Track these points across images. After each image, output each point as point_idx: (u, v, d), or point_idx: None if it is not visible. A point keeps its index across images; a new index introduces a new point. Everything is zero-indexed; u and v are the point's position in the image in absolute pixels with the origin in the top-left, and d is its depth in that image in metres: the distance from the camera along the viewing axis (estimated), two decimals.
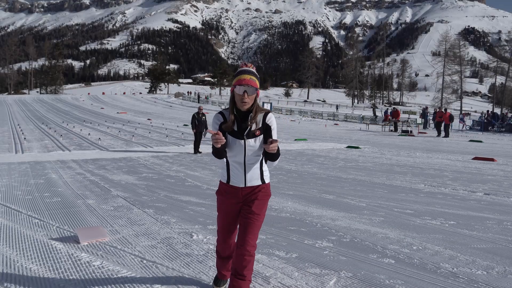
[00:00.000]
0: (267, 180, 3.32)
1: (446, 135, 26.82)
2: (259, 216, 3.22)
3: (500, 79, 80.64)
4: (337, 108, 68.79)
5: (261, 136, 3.16)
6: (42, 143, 18.51)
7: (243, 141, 3.12)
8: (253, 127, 3.12)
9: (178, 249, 4.71)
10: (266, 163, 3.31)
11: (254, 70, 3.17)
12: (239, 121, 3.13)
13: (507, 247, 4.90)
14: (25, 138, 20.39)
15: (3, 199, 7.37)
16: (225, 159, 3.20)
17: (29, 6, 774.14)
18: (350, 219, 6.10)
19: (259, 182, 3.25)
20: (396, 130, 31.94)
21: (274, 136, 3.18)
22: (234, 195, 3.25)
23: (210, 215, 6.25)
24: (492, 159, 14.13)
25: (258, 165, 3.24)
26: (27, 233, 5.31)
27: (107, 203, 7.08)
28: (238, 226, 3.33)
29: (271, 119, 3.19)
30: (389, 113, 35.30)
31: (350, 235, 5.28)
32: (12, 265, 4.21)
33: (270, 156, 3.15)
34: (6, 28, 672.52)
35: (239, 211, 3.28)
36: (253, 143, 3.13)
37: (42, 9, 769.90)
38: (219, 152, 3.07)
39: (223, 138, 2.94)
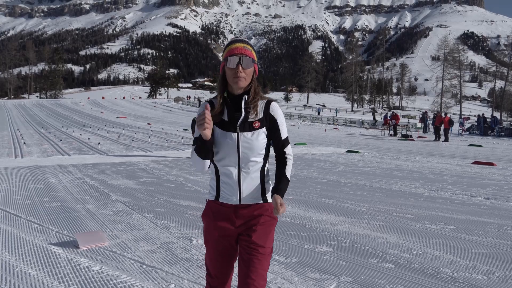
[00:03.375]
0: (270, 198, 2.41)
1: (446, 140, 26.82)
2: (265, 249, 2.33)
3: (499, 84, 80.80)
4: (336, 113, 68.67)
5: (262, 131, 2.33)
6: (41, 148, 18.50)
7: (235, 134, 2.29)
8: (251, 117, 2.32)
9: (178, 254, 4.70)
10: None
11: (248, 41, 2.44)
12: (231, 108, 2.33)
13: (507, 251, 4.90)
14: (24, 143, 20.38)
15: (2, 204, 7.36)
16: (211, 164, 2.38)
17: (29, 11, 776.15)
18: (350, 224, 6.09)
19: (260, 200, 2.37)
20: (395, 134, 31.95)
21: (283, 133, 2.40)
22: (227, 219, 2.35)
23: None
24: (491, 164, 14.13)
25: (258, 174, 2.35)
26: (26, 238, 5.30)
27: (106, 208, 7.07)
28: (237, 261, 2.44)
29: (276, 109, 2.39)
30: (388, 117, 35.34)
31: (350, 240, 5.28)
32: (11, 270, 4.20)
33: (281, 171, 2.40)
34: (6, 32, 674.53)
35: (235, 242, 2.39)
36: (250, 138, 2.29)
37: (42, 14, 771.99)
38: (202, 147, 2.24)
39: (210, 119, 2.17)
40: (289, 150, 2.44)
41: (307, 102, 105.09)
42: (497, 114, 69.16)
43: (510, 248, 5.02)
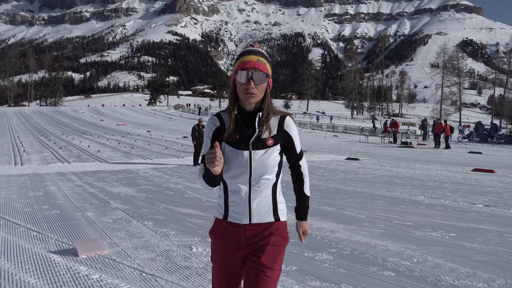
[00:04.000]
0: (283, 217, 2.31)
1: (447, 147, 26.83)
2: (273, 272, 2.21)
3: (498, 91, 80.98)
4: (331, 119, 68.43)
5: (276, 149, 2.22)
6: (41, 155, 18.50)
7: (247, 152, 2.17)
8: (264, 134, 2.20)
9: (178, 262, 4.69)
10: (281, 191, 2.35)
11: (264, 52, 2.26)
12: (242, 125, 2.20)
13: (508, 259, 4.88)
14: (24, 150, 20.37)
15: (2, 211, 7.35)
16: (221, 183, 2.28)
17: (30, 19, 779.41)
18: (350, 231, 6.08)
19: (271, 219, 2.25)
20: (395, 141, 31.95)
21: (298, 147, 2.32)
22: (235, 238, 2.25)
23: (209, 228, 6.22)
24: (491, 171, 14.12)
25: (269, 191, 2.24)
26: (25, 246, 5.29)
27: (106, 216, 7.06)
28: (242, 284, 2.35)
29: (290, 125, 2.27)
30: (388, 125, 35.36)
31: (350, 248, 5.26)
32: (10, 278, 4.18)
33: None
34: (7, 40, 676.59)
35: (243, 261, 2.28)
36: (263, 156, 2.18)
37: (42, 22, 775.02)
38: (211, 179, 2.15)
39: (221, 157, 2.05)
40: (303, 163, 2.38)
41: (307, 110, 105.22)
42: (496, 121, 69.29)
43: (511, 256, 5.01)
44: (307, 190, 2.41)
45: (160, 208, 7.76)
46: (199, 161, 2.15)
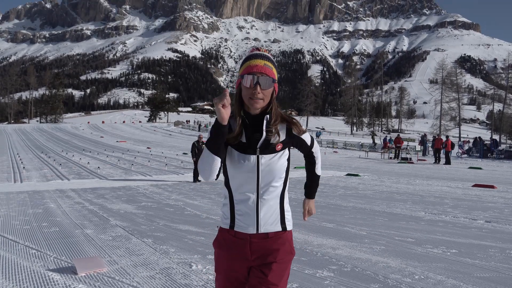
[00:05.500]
0: (289, 226, 2.27)
1: (447, 162, 26.82)
2: None
3: (497, 106, 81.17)
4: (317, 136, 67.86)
5: (284, 154, 2.18)
6: (41, 172, 18.47)
7: (254, 157, 2.11)
8: (273, 138, 2.14)
9: (177, 280, 4.64)
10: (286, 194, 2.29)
11: (270, 56, 2.21)
12: (249, 129, 2.14)
13: (510, 276, 4.84)
14: (24, 167, 20.35)
15: (0, 229, 7.31)
16: (225, 189, 2.24)
17: (31, 36, 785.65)
18: (351, 248, 6.04)
19: (278, 228, 2.20)
20: (397, 157, 31.91)
21: (310, 143, 2.33)
22: (240, 250, 2.17)
23: (209, 245, 6.17)
24: (492, 186, 14.09)
25: (277, 199, 2.19)
26: (24, 264, 5.25)
27: (105, 233, 7.02)
28: None
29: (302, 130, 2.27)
30: (387, 140, 35.39)
31: (351, 264, 5.22)
32: None
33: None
34: (8, 58, 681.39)
35: (248, 272, 2.22)
36: (271, 161, 2.12)
37: (44, 40, 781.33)
38: (216, 133, 2.00)
39: (229, 99, 1.98)
40: (315, 148, 2.42)
41: (307, 125, 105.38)
42: (496, 137, 69.33)
43: None
44: (318, 170, 2.48)
45: (160, 225, 7.73)
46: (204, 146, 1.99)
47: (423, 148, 39.97)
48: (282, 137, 2.17)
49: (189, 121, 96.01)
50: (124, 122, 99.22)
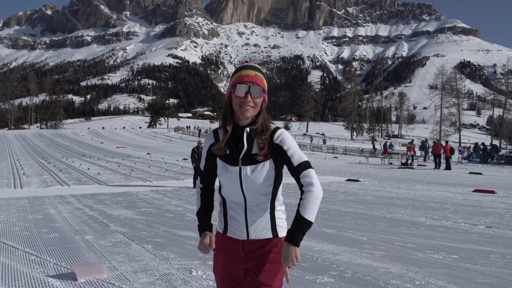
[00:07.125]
0: (281, 233, 2.24)
1: (448, 168, 26.78)
2: None
3: (497, 111, 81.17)
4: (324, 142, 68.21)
5: (267, 164, 2.15)
6: (41, 178, 18.46)
7: (237, 168, 2.15)
8: (255, 149, 2.15)
9: (177, 286, 4.63)
10: (280, 206, 2.27)
11: (260, 68, 2.26)
12: (233, 140, 2.19)
13: (511, 281, 4.82)
14: (24, 173, 20.34)
15: (0, 235, 7.29)
16: (219, 195, 2.32)
17: (32, 43, 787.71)
18: (351, 254, 6.02)
19: (269, 235, 2.21)
20: (408, 164, 30.57)
21: (294, 159, 2.14)
22: (234, 252, 2.25)
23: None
24: (492, 192, 14.07)
25: (266, 208, 2.21)
26: (23, 270, 5.23)
27: (105, 239, 7.00)
28: None
29: (281, 136, 2.17)
30: (387, 146, 35.37)
31: (352, 270, 5.21)
32: None
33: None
34: (8, 64, 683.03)
35: (244, 274, 2.26)
36: (253, 172, 2.13)
37: (44, 46, 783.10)
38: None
39: (211, 246, 2.20)
40: (308, 177, 2.13)
41: (307, 131, 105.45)
42: (496, 142, 69.32)
43: None
44: (306, 212, 2.07)
45: (160, 230, 7.71)
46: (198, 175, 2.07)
47: (424, 153, 39.95)
48: (265, 147, 2.15)
49: (189, 126, 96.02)
50: (124, 128, 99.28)
